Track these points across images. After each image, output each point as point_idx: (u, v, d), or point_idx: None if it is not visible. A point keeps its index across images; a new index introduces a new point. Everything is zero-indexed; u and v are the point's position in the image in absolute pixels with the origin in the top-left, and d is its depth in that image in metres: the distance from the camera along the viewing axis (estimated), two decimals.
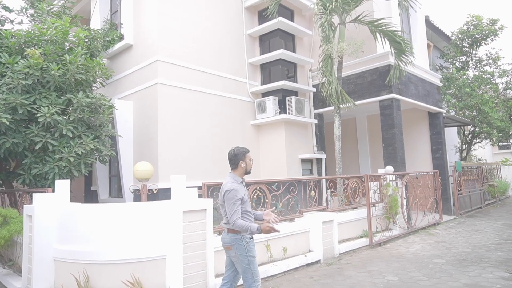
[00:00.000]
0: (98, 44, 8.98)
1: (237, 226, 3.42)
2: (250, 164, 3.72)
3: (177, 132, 8.44)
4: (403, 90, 9.80)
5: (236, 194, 3.46)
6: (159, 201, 5.10)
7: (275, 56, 10.08)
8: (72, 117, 6.53)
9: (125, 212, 4.62)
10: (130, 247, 4.54)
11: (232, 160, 3.69)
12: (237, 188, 3.50)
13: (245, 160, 3.69)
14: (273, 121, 9.94)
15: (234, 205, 3.44)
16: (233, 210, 3.43)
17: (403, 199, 8.72)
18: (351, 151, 13.72)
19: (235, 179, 3.62)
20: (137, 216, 4.60)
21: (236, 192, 3.47)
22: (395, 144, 9.25)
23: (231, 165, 3.72)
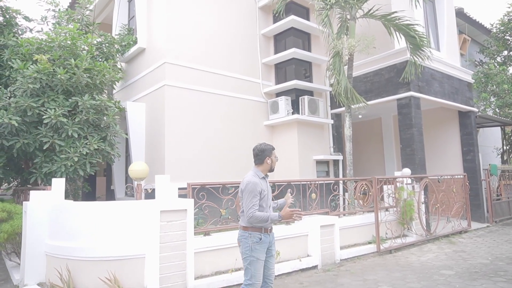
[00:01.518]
0: (114, 49, 9.36)
1: (255, 218, 3.36)
2: (275, 162, 3.68)
3: (185, 133, 8.53)
4: (423, 87, 9.18)
5: (255, 187, 3.42)
6: (138, 200, 5.15)
7: (287, 55, 9.89)
8: (78, 118, 6.81)
9: (105, 211, 4.71)
10: (110, 245, 4.62)
11: (259, 155, 3.63)
12: (257, 182, 3.47)
13: (271, 157, 3.65)
14: (286, 122, 9.75)
15: (253, 198, 3.40)
16: (252, 203, 3.39)
17: (421, 204, 8.14)
18: (376, 153, 13.11)
19: (257, 174, 3.57)
20: (116, 214, 4.67)
21: (255, 185, 3.43)
22: (414, 145, 8.67)
23: (256, 160, 3.66)
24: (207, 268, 5.21)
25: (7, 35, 7.30)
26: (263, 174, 3.62)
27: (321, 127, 10.38)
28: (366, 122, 13.50)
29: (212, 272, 5.24)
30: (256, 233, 3.45)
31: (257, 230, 3.46)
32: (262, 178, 3.58)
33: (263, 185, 3.53)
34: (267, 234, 3.51)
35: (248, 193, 3.43)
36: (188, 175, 8.26)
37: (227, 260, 5.38)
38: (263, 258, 3.47)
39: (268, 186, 3.64)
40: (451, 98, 10.15)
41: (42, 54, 6.61)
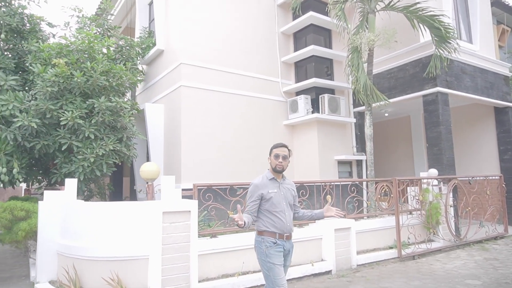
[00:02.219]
0: (133, 52, 9.54)
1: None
2: (273, 161, 3.35)
3: (202, 133, 8.51)
4: (452, 82, 8.59)
5: (253, 190, 3.31)
6: (141, 201, 5.14)
7: (306, 53, 9.63)
8: (94, 120, 6.96)
9: (108, 211, 4.73)
10: (113, 245, 4.63)
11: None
12: (258, 184, 3.32)
13: (271, 156, 3.40)
14: (305, 121, 9.49)
15: (248, 200, 3.31)
16: (248, 206, 3.29)
17: (449, 207, 7.60)
18: (406, 153, 12.48)
19: (265, 175, 3.40)
20: (119, 215, 4.68)
21: (254, 188, 3.32)
22: (441, 144, 8.13)
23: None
24: (213, 271, 5.10)
25: (31, 41, 7.60)
26: (273, 175, 3.38)
27: (343, 126, 10.01)
28: (394, 121, 12.92)
29: (218, 275, 5.13)
30: (269, 238, 3.27)
31: (271, 235, 3.27)
32: (272, 179, 3.36)
33: (269, 187, 3.31)
34: (282, 240, 3.29)
35: (247, 195, 3.37)
36: (204, 175, 8.23)
37: (234, 263, 5.25)
38: (280, 262, 3.25)
39: (281, 189, 3.36)
40: (485, 94, 9.45)
41: (59, 58, 6.79)
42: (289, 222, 3.33)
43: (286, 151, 3.38)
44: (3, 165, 6.59)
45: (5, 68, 7.49)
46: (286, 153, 3.36)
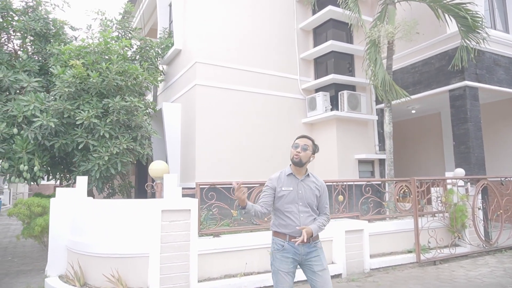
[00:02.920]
0: (152, 52, 9.71)
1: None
2: (291, 151, 3.01)
3: (217, 132, 8.49)
4: (483, 75, 7.97)
5: (268, 183, 3.03)
6: (141, 199, 5.15)
7: (325, 48, 9.34)
8: (109, 119, 7.12)
9: (111, 209, 4.79)
10: (115, 242, 4.67)
11: None
12: (273, 178, 3.04)
13: (291, 148, 3.04)
14: (323, 119, 9.21)
15: (262, 194, 3.03)
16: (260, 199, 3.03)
17: (476, 209, 7.05)
18: (436, 151, 11.80)
19: (284, 170, 3.08)
20: (120, 213, 4.72)
21: (268, 181, 3.04)
22: (469, 142, 7.57)
23: None
24: (215, 271, 5.03)
25: (54, 44, 7.92)
26: (292, 171, 3.01)
27: (364, 123, 9.61)
28: (423, 118, 12.26)
29: (220, 275, 5.05)
30: (278, 239, 2.97)
31: (280, 237, 2.96)
32: (290, 175, 3.00)
33: (284, 183, 2.97)
34: (302, 245, 2.86)
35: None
36: (219, 174, 8.20)
37: (237, 263, 5.15)
38: (286, 269, 2.89)
39: (299, 187, 2.96)
40: None
41: (76, 60, 7.01)
42: (304, 225, 2.87)
43: (308, 142, 2.98)
44: (25, 163, 6.90)
45: (30, 71, 7.85)
46: (306, 143, 2.96)
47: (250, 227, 5.47)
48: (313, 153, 3.00)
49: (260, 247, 5.28)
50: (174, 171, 8.91)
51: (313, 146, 3.00)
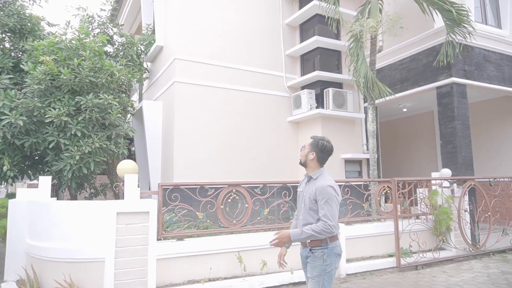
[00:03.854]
0: (135, 49, 9.47)
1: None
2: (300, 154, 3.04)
3: (197, 131, 8.23)
4: (472, 72, 7.66)
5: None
6: (95, 201, 4.90)
7: (310, 45, 9.05)
8: (81, 117, 6.88)
9: (66, 210, 4.54)
10: (70, 246, 4.43)
11: None
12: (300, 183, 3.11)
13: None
14: (308, 117, 8.92)
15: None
16: None
17: (463, 211, 6.75)
18: (428, 151, 11.48)
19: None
20: (76, 215, 4.47)
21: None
22: (456, 141, 7.27)
23: None
24: (178, 276, 4.78)
25: (28, 40, 7.69)
26: (307, 171, 2.98)
27: (351, 122, 9.32)
28: (416, 117, 11.96)
29: (183, 281, 4.80)
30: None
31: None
32: (305, 175, 3.01)
33: (301, 183, 3.06)
34: (303, 247, 2.93)
35: None
36: (199, 175, 7.95)
37: (202, 268, 4.89)
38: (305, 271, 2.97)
39: (306, 188, 2.92)
40: None
41: (46, 56, 6.78)
42: (301, 227, 2.79)
43: (307, 142, 2.98)
44: None
45: (3, 68, 7.62)
46: (304, 143, 2.99)
47: (217, 230, 5.22)
48: (312, 150, 2.89)
49: (227, 251, 5.04)
50: (154, 171, 8.69)
51: (311, 145, 2.92)
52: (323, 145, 2.87)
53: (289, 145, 9.39)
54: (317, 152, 2.86)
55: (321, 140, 2.91)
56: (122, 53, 9.64)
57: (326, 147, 2.88)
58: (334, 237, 2.77)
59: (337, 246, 2.79)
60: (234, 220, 5.25)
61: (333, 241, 2.77)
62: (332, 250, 2.75)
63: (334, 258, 2.76)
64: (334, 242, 2.77)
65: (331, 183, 2.75)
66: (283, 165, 9.18)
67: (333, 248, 2.76)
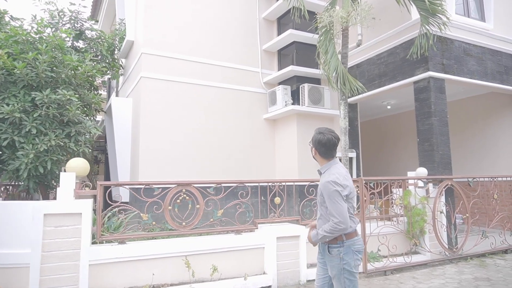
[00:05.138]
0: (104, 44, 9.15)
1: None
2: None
3: (166, 129, 7.89)
4: (451, 66, 7.28)
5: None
6: (21, 201, 4.56)
7: (286, 39, 8.71)
8: (37, 113, 6.55)
9: None
10: None
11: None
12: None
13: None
14: (284, 114, 8.57)
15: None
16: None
17: (438, 213, 6.38)
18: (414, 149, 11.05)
19: None
20: None
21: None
22: (433, 138, 6.89)
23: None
24: (118, 282, 4.42)
25: None
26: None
27: (329, 119, 8.95)
28: (402, 115, 11.59)
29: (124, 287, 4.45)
30: None
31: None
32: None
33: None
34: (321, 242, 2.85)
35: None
36: (170, 174, 7.60)
37: (146, 274, 4.54)
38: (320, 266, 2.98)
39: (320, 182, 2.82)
40: (497, 79, 7.98)
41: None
42: (319, 225, 2.79)
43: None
44: None
45: None
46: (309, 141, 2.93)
47: (164, 233, 4.87)
48: (312, 146, 2.85)
49: (174, 256, 4.68)
50: (123, 171, 8.37)
51: (311, 140, 2.88)
52: (317, 140, 2.79)
53: (265, 143, 9.04)
54: (316, 147, 2.80)
55: (316, 134, 2.82)
56: (93, 48, 9.33)
57: (321, 140, 2.76)
58: (351, 233, 2.67)
59: (355, 242, 2.68)
60: (184, 222, 4.90)
61: (350, 238, 2.66)
62: (350, 247, 2.65)
63: (352, 256, 2.65)
64: (351, 239, 2.66)
65: (332, 178, 2.62)
66: (259, 164, 8.84)
67: (350, 245, 2.66)
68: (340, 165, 2.78)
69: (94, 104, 8.22)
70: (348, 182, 2.67)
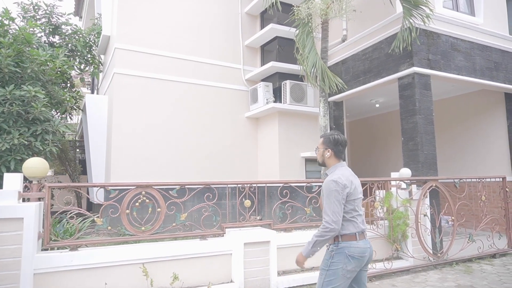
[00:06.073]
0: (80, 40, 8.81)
1: None
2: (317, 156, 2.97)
3: (141, 127, 7.57)
4: (437, 62, 6.95)
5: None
6: None
7: (268, 34, 8.39)
8: (0, 110, 6.22)
9: None
10: None
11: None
12: None
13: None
14: (265, 112, 8.24)
15: None
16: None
17: (422, 216, 6.04)
18: None
19: None
20: None
21: None
22: (417, 137, 6.55)
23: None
24: None
25: None
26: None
27: (313, 118, 8.62)
28: (392, 114, 11.25)
29: None
30: None
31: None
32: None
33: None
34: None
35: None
36: (145, 174, 7.31)
37: (99, 283, 4.20)
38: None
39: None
40: (486, 76, 7.64)
41: None
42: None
43: (319, 142, 2.91)
44: None
45: None
46: (318, 145, 2.91)
47: (121, 238, 4.53)
48: (327, 148, 2.79)
49: (131, 263, 4.34)
50: (97, 171, 8.03)
51: (323, 143, 2.84)
52: (335, 139, 2.79)
53: (247, 142, 8.71)
54: (332, 148, 2.78)
55: (331, 135, 2.84)
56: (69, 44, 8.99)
57: (338, 140, 2.80)
58: (350, 236, 2.60)
59: (351, 246, 2.58)
60: (143, 227, 4.56)
61: (347, 240, 2.60)
62: (343, 249, 2.58)
63: (343, 259, 2.57)
64: (347, 242, 2.59)
65: (335, 177, 2.60)
66: (240, 164, 8.51)
67: (344, 247, 2.58)
68: (346, 168, 2.78)
69: (66, 101, 7.90)
70: (349, 183, 2.61)
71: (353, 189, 2.62)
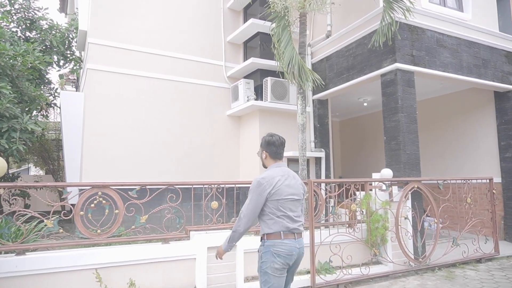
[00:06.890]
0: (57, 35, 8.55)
1: None
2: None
3: (115, 126, 7.30)
4: (422, 58, 6.67)
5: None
6: None
7: (249, 29, 8.12)
8: None
9: None
10: None
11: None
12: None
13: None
14: (246, 110, 7.97)
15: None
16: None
17: (403, 218, 5.76)
18: None
19: None
20: None
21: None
22: (400, 137, 6.28)
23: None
24: None
25: None
26: None
27: (295, 116, 8.30)
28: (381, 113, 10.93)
29: None
30: None
31: None
32: None
33: None
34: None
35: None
36: (119, 174, 7.03)
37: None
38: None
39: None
40: (473, 73, 7.37)
41: None
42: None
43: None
44: None
45: None
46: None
47: (74, 242, 4.25)
48: (262, 150, 2.88)
49: (84, 268, 4.06)
50: (72, 170, 7.74)
51: (260, 146, 2.91)
52: (267, 141, 2.84)
53: (229, 141, 8.44)
54: (266, 149, 2.83)
55: (265, 136, 2.89)
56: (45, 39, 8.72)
57: (270, 141, 2.83)
58: (274, 235, 2.62)
59: (276, 244, 2.61)
60: (99, 230, 4.29)
61: (271, 238, 2.64)
62: (269, 247, 2.63)
63: (270, 257, 2.61)
64: (271, 240, 2.63)
65: (260, 177, 2.68)
66: (221, 163, 8.24)
67: (270, 246, 2.63)
68: (280, 168, 2.78)
69: (40, 98, 7.62)
70: (273, 184, 2.62)
71: (276, 189, 2.62)
